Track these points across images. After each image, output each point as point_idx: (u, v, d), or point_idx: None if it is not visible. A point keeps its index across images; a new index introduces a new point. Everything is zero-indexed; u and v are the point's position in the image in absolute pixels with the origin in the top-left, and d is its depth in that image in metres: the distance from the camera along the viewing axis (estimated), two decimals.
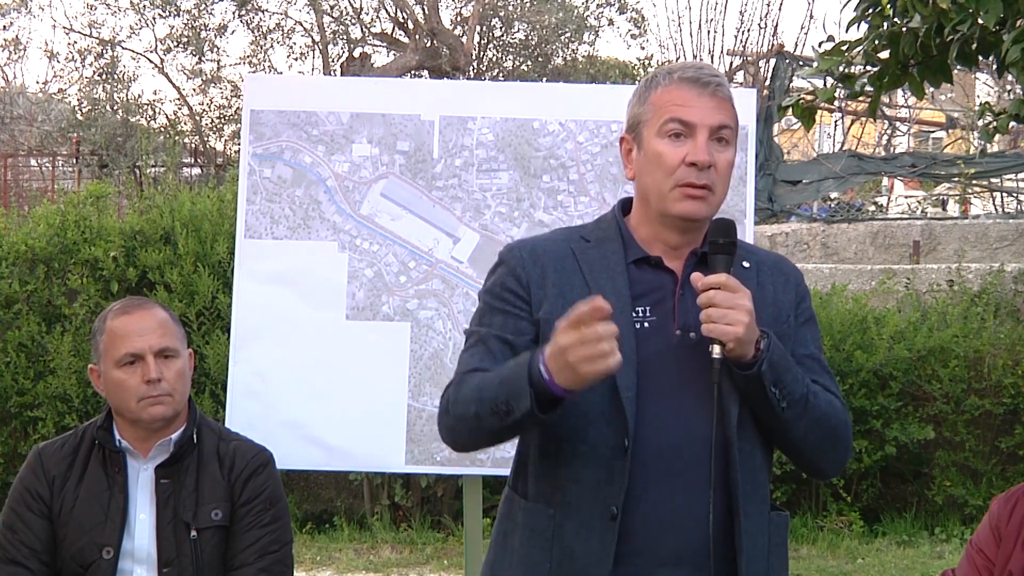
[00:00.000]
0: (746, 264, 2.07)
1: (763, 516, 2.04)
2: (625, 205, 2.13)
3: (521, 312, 2.03)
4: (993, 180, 11.87)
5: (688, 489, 1.96)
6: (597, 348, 1.78)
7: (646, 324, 2.00)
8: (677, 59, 15.39)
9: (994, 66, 4.23)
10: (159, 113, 16.75)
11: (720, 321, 1.89)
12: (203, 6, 16.28)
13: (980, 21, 3.68)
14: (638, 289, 2.02)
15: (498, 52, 17.48)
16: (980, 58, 4.01)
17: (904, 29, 3.91)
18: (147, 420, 2.54)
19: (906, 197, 14.20)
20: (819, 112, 4.59)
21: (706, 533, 1.94)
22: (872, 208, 13.02)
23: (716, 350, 1.90)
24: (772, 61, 12.76)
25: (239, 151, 4.20)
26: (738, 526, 1.97)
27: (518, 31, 17.13)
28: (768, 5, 14.06)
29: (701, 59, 14.86)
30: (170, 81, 16.99)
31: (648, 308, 2.01)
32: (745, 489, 1.98)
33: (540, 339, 2.00)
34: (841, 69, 4.05)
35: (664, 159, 1.98)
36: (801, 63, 11.68)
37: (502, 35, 17.27)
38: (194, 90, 16.91)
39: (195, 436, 2.61)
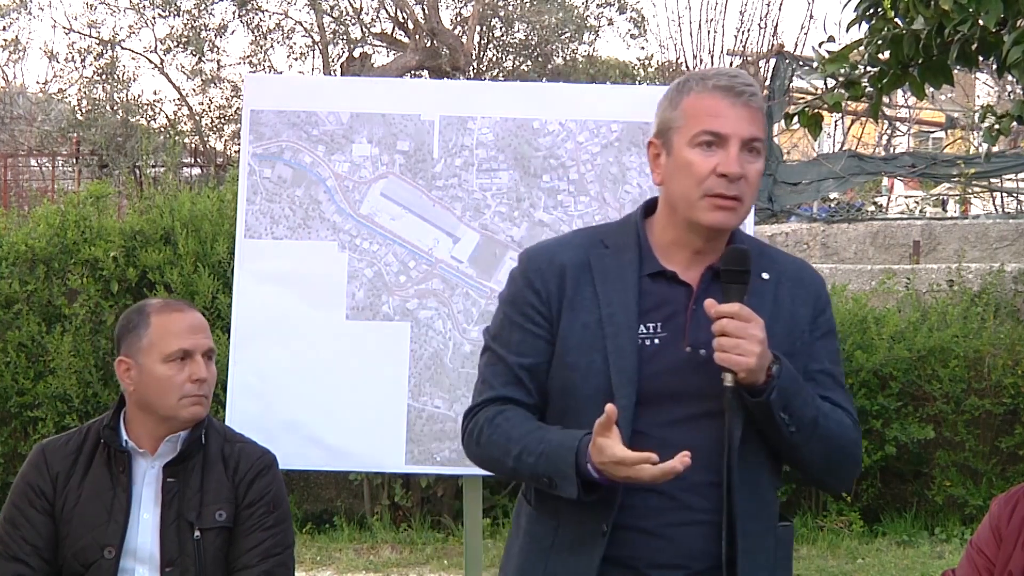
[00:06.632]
0: (765, 276, 2.05)
1: (769, 533, 2.05)
2: (649, 206, 2.11)
3: (539, 330, 2.04)
4: (993, 180, 11.86)
5: (686, 507, 1.96)
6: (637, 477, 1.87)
7: (656, 340, 1.99)
8: (677, 59, 15.38)
9: (994, 67, 4.23)
10: (159, 113, 16.75)
11: (732, 351, 1.89)
12: (203, 6, 16.27)
13: (980, 22, 3.67)
14: (650, 303, 2.01)
15: (498, 52, 17.47)
16: (980, 59, 4.00)
17: (905, 31, 3.90)
18: (185, 419, 2.56)
19: (906, 197, 14.18)
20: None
21: (702, 551, 1.96)
22: (872, 208, 12.99)
23: (728, 378, 1.91)
24: (772, 61, 12.75)
25: (239, 151, 4.20)
26: (735, 547, 1.97)
27: (518, 31, 17.12)
28: (768, 5, 14.07)
29: (701, 59, 14.85)
30: (170, 81, 17.00)
31: (660, 323, 2.00)
32: (748, 509, 1.97)
33: (556, 353, 2.03)
34: (844, 74, 4.04)
35: (694, 168, 1.96)
36: (801, 63, 11.66)
37: (502, 35, 17.26)
38: (194, 90, 16.92)
39: (203, 436, 2.62)
